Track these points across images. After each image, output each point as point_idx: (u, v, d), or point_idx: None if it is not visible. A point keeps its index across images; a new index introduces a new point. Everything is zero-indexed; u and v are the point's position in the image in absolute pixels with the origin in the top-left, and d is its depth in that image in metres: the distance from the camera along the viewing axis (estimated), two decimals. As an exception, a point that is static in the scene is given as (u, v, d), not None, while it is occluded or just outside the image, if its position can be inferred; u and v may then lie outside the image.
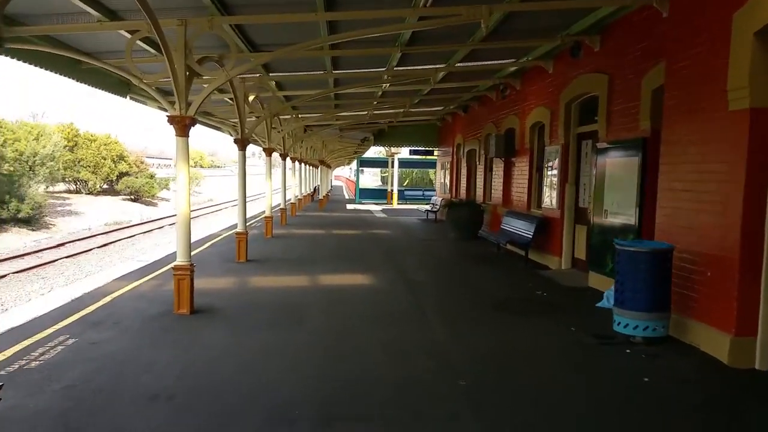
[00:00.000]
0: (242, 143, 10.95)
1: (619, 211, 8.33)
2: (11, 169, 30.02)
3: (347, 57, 10.46)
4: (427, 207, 23.36)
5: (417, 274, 10.28)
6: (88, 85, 10.16)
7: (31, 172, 33.51)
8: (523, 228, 11.67)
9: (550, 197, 11.20)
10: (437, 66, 11.35)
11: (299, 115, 17.56)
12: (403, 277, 9.83)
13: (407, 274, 10.24)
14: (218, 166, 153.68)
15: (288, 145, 19.37)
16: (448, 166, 22.14)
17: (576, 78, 10.16)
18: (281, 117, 16.67)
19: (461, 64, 11.49)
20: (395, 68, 11.25)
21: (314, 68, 11.30)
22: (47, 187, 44.50)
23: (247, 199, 13.01)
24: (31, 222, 29.54)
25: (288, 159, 24.11)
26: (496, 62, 11.81)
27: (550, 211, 11.18)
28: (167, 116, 6.99)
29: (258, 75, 10.98)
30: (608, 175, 8.67)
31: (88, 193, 47.28)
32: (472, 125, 17.91)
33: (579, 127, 10.53)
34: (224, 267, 10.57)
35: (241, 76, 9.97)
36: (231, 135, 19.93)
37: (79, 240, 24.42)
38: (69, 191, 47.46)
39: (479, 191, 17.16)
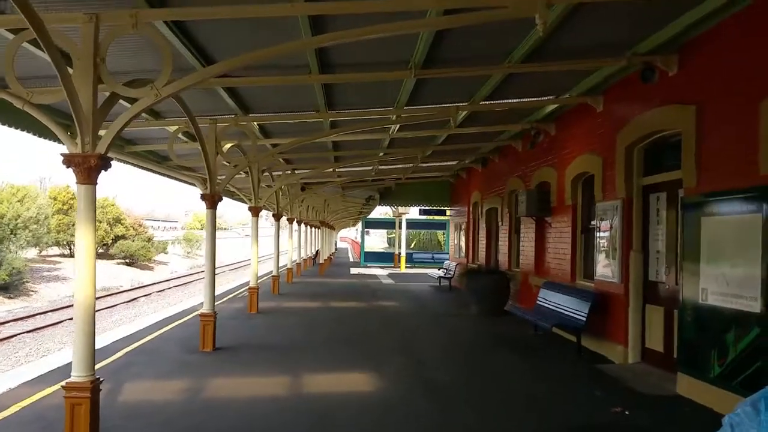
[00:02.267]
0: (211, 200, 8.59)
1: (730, 291, 5.78)
2: None
3: (344, 87, 8.28)
4: (439, 272, 20.77)
5: (439, 371, 7.63)
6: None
7: (12, 235, 31.38)
8: (571, 306, 9.07)
9: (607, 267, 8.66)
10: (458, 104, 9.10)
11: (294, 170, 15.32)
12: (420, 379, 7.19)
13: (425, 371, 7.60)
14: (224, 228, 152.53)
15: (283, 203, 17.06)
16: (463, 227, 19.70)
17: (640, 115, 7.86)
18: (273, 172, 14.44)
19: (486, 103, 9.26)
20: (406, 107, 9.02)
21: (305, 107, 9.09)
22: (40, 251, 42.70)
23: (235, 266, 10.86)
24: (9, 288, 27.24)
25: (284, 219, 21.83)
26: (530, 100, 9.56)
27: (607, 284, 8.62)
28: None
29: (234, 116, 8.82)
30: (706, 239, 6.18)
31: (83, 257, 45.23)
32: (493, 181, 15.58)
33: (645, 178, 8.14)
34: (179, 361, 7.98)
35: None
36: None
37: (51, 311, 21.97)
38: (63, 255, 45.72)
39: (502, 256, 14.62)
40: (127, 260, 45.57)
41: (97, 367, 7.60)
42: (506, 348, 9.28)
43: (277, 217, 16.40)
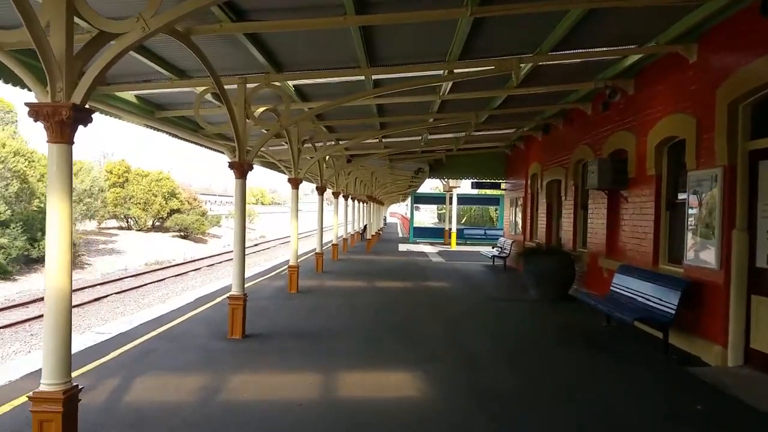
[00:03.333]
0: (240, 169, 7.61)
1: None
2: (42, 205, 28.16)
3: (387, 38, 7.07)
4: (493, 251, 19.44)
5: (496, 373, 6.47)
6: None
7: (67, 208, 31.84)
8: (655, 296, 7.68)
9: (702, 249, 7.21)
10: (521, 56, 7.72)
11: (338, 140, 14.23)
12: (475, 383, 6.05)
13: (481, 372, 6.45)
14: (278, 203, 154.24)
15: (327, 176, 16.06)
16: (520, 201, 18.23)
17: (751, 62, 6.33)
18: (315, 143, 13.40)
19: (555, 53, 7.85)
20: (459, 61, 7.71)
21: (344, 62, 7.91)
22: (99, 224, 43.79)
23: (286, 240, 10.06)
24: (66, 261, 27.63)
25: (330, 194, 20.90)
26: (607, 49, 8.08)
27: (701, 271, 7.18)
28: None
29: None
30: None
31: (139, 230, 46.49)
32: (556, 150, 14.07)
33: (753, 141, 6.63)
34: (204, 349, 7.11)
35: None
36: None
37: (101, 284, 21.94)
38: (120, 228, 46.85)
39: (566, 234, 13.19)
40: (182, 233, 46.28)
41: (113, 355, 6.91)
42: (575, 343, 8.01)
43: (321, 190, 15.42)
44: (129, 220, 46.52)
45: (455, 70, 7.85)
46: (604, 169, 9.83)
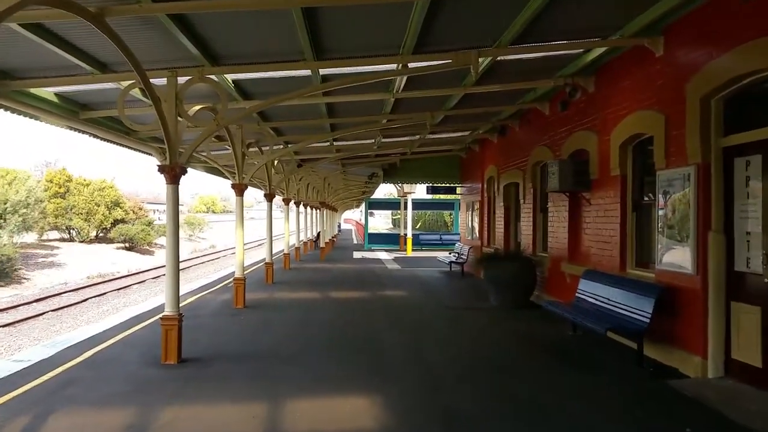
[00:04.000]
0: (171, 173, 6.75)
1: None
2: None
3: (335, 26, 6.38)
4: (450, 256, 18.97)
5: (460, 393, 5.83)
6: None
7: (1, 220, 29.74)
8: (627, 304, 7.23)
9: (675, 253, 6.80)
10: (480, 48, 7.15)
11: (287, 144, 13.44)
12: (437, 406, 5.40)
13: (443, 393, 5.81)
14: (230, 211, 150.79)
15: (275, 181, 15.21)
16: (477, 206, 17.82)
17: (725, 53, 5.97)
18: (262, 146, 12.56)
19: (517, 47, 7.34)
20: (413, 54, 7.08)
21: (287, 54, 7.17)
22: (40, 236, 41.36)
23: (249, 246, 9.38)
24: (0, 276, 25.71)
25: (280, 200, 20.01)
26: (571, 42, 7.62)
27: (676, 276, 6.77)
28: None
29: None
30: None
31: (81, 242, 44.31)
32: (513, 152, 13.67)
33: (727, 137, 6.26)
34: (133, 378, 6.22)
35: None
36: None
37: (37, 300, 20.31)
38: (62, 239, 44.50)
39: (525, 238, 12.77)
40: (127, 245, 44.35)
41: (27, 387, 5.94)
42: (541, 355, 7.48)
43: (269, 196, 14.56)
44: (71, 231, 44.34)
45: (410, 64, 7.23)
46: (565, 171, 9.41)
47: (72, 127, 8.40)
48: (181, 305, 11.01)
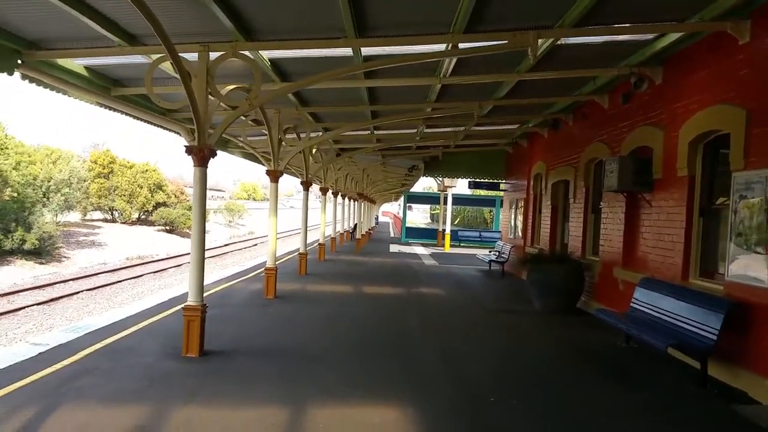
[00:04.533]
0: (200, 155, 6.33)
1: None
2: (15, 194, 26.64)
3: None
4: (490, 255, 18.24)
5: (505, 411, 5.23)
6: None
7: (45, 198, 30.38)
8: (691, 318, 6.47)
9: (751, 264, 6.01)
10: (540, 28, 6.46)
11: (326, 130, 12.96)
12: (477, 424, 4.82)
13: (485, 410, 5.21)
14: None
15: (313, 169, 14.79)
16: (521, 203, 17.02)
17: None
18: (300, 132, 12.12)
19: (580, 29, 6.63)
20: (464, 33, 6.45)
21: (327, 30, 6.64)
22: (84, 215, 42.42)
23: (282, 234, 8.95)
24: (42, 254, 26.29)
25: (317, 189, 19.64)
26: (639, 25, 6.84)
27: (750, 290, 5.98)
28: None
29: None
30: None
31: (123, 223, 45.22)
32: (564, 147, 12.86)
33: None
34: (151, 371, 5.84)
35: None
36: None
37: (74, 279, 20.55)
38: (105, 220, 45.54)
39: (574, 240, 11.98)
40: (167, 227, 45.04)
41: (41, 374, 5.61)
42: (592, 368, 6.80)
43: (306, 185, 14.14)
44: (114, 212, 45.28)
45: (460, 45, 6.60)
46: (625, 169, 8.62)
47: (102, 103, 8.08)
48: (210, 293, 10.82)
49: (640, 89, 8.49)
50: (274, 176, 10.38)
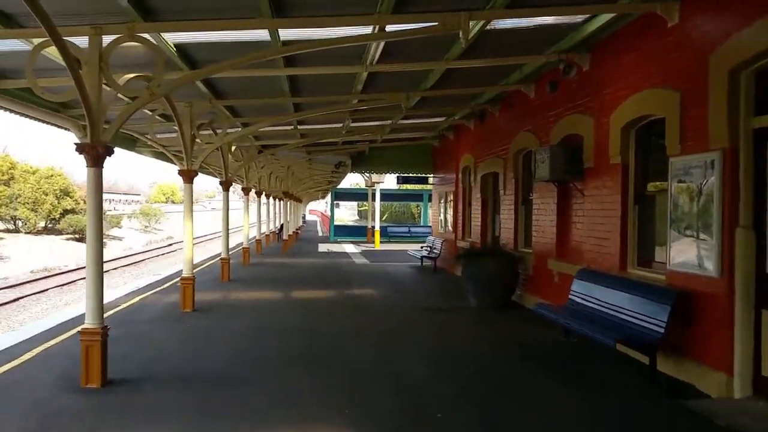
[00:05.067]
0: (93, 153, 5.45)
1: None
2: None
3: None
4: (421, 251, 17.94)
5: (449, 422, 4.76)
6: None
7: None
8: (635, 310, 6.28)
9: (693, 251, 5.86)
10: (471, 10, 6.03)
11: (245, 125, 12.11)
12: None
13: (428, 421, 4.72)
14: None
15: (233, 168, 13.87)
16: (451, 197, 16.82)
17: (756, 22, 5.03)
18: (216, 128, 11.22)
19: (512, 9, 6.27)
20: (392, 14, 5.92)
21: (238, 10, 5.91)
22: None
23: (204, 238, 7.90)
24: (-73, 272, 23.62)
25: (239, 190, 18.64)
26: (571, 6, 6.56)
27: (694, 279, 5.83)
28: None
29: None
30: None
31: (28, 233, 41.94)
32: (492, 139, 12.66)
33: (757, 117, 5.33)
34: (40, 410, 4.94)
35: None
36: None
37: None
38: (7, 230, 42.06)
39: (506, 232, 11.80)
40: (77, 236, 42.22)
41: None
42: (537, 367, 6.48)
43: (226, 185, 13.23)
44: (17, 221, 41.93)
45: (387, 27, 6.07)
46: (557, 158, 8.42)
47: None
48: (119, 309, 9.77)
49: (569, 75, 8.30)
50: (188, 176, 9.48)
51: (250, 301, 10.87)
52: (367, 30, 6.18)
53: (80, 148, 5.43)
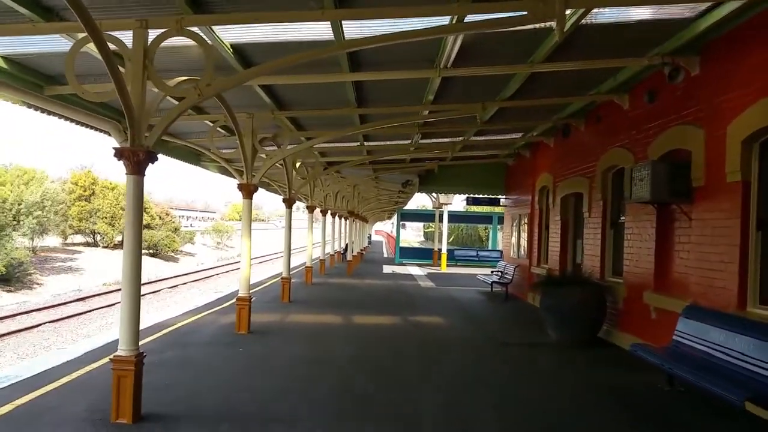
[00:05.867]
0: (133, 159, 4.90)
1: None
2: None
3: None
4: (491, 276, 16.81)
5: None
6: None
7: (15, 222, 28.74)
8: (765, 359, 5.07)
9: None
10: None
11: (308, 138, 11.58)
12: None
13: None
14: (262, 220, 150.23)
15: (297, 185, 13.38)
16: (525, 219, 15.66)
17: None
18: (279, 142, 10.72)
19: (604, 14, 5.33)
20: (473, 2, 5.11)
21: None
22: (65, 239, 40.84)
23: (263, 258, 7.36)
24: (11, 280, 24.58)
25: (304, 208, 18.22)
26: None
27: None
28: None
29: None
30: None
31: (105, 247, 43.56)
32: (575, 156, 11.53)
33: None
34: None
35: None
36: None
37: (37, 310, 18.84)
38: (86, 244, 43.85)
39: (590, 259, 10.59)
40: (151, 251, 43.45)
41: None
42: (637, 423, 5.34)
43: (289, 202, 12.72)
44: (95, 235, 43.64)
45: (467, 17, 5.25)
46: (660, 176, 7.25)
47: (31, 104, 6.61)
48: (175, 327, 9.31)
49: (675, 81, 7.18)
50: (247, 191, 8.96)
51: (308, 326, 10.17)
52: (444, 21, 5.37)
53: (119, 153, 4.89)
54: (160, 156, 5.46)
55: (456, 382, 6.76)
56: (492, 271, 17.83)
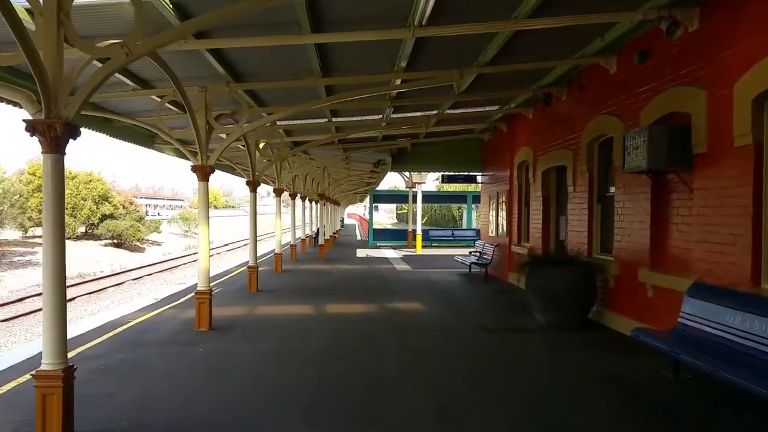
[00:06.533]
0: (49, 132, 4.00)
1: None
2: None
3: None
4: (470, 256, 16.20)
5: None
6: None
7: (-35, 216, 27.17)
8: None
9: None
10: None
11: (268, 113, 10.65)
12: None
13: None
14: (232, 206, 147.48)
15: (260, 167, 12.46)
16: (503, 197, 15.02)
17: None
18: (237, 118, 9.78)
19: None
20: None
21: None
22: (25, 233, 39.20)
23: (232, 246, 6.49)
24: (-35, 277, 23.19)
25: (271, 190, 17.28)
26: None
27: None
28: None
29: None
30: None
31: (68, 238, 41.65)
32: (557, 127, 10.87)
33: None
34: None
35: None
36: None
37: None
38: (47, 236, 41.93)
39: (576, 236, 9.98)
40: (115, 241, 41.94)
41: None
42: (646, 418, 4.73)
43: (253, 185, 11.83)
44: (56, 227, 41.69)
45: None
46: (658, 142, 6.61)
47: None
48: (128, 326, 8.41)
49: (674, 37, 6.50)
50: (203, 173, 8.04)
51: (277, 318, 9.36)
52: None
53: (32, 127, 3.99)
54: (106, 138, 4.60)
55: (439, 374, 6.07)
56: (470, 252, 17.23)
